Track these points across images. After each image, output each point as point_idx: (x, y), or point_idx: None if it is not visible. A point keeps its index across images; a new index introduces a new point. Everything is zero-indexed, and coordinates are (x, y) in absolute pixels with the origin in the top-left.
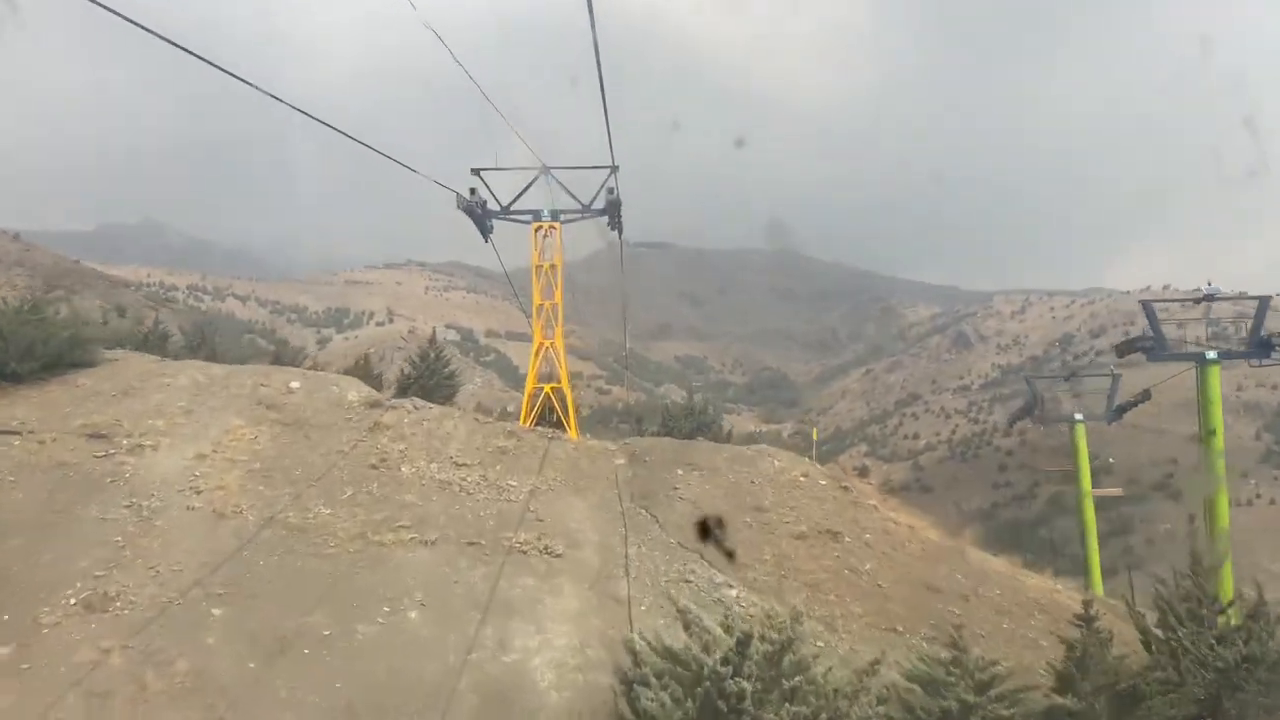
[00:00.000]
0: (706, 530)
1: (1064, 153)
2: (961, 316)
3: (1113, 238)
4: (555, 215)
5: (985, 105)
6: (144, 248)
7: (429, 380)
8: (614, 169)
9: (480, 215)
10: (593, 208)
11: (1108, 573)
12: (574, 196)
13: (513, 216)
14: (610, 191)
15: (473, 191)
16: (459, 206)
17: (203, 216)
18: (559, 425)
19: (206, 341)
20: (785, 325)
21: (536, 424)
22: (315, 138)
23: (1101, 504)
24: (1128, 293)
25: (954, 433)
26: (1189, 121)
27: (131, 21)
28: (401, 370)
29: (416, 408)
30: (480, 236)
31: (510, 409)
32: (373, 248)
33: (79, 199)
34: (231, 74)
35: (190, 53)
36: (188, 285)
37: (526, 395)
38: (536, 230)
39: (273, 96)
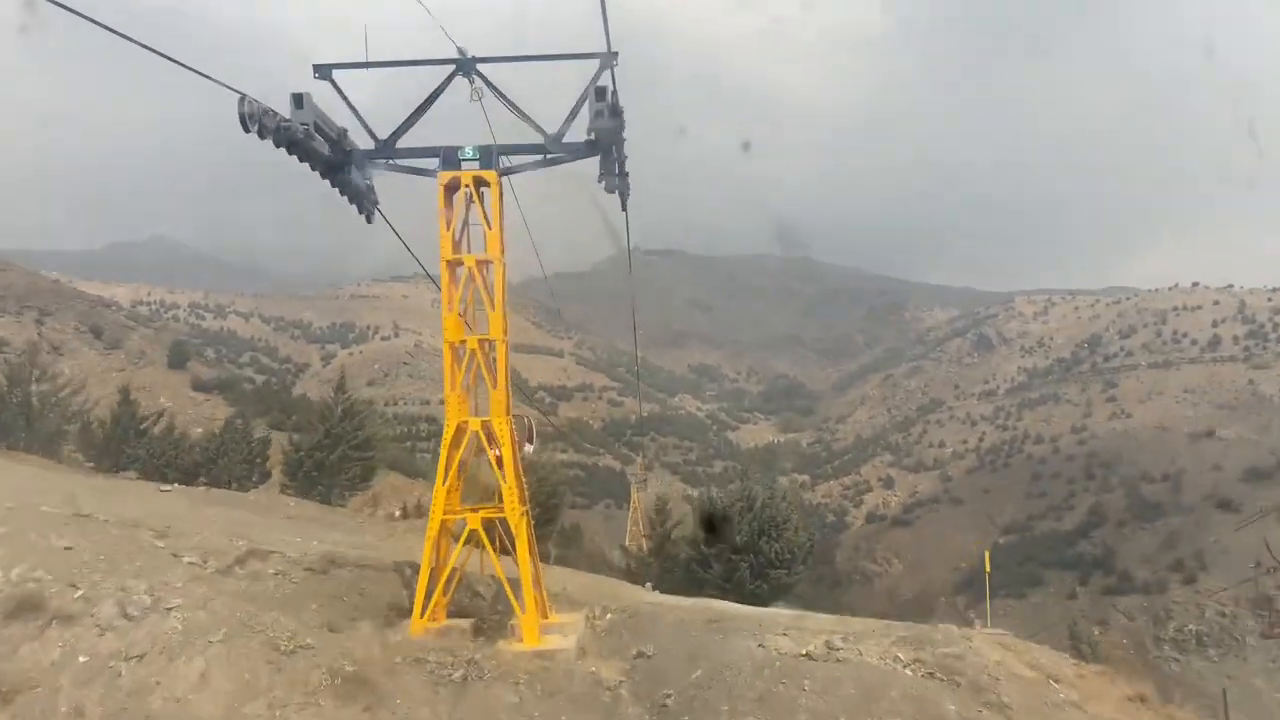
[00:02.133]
0: None
1: (1075, 153)
2: (982, 318)
3: (1126, 235)
4: (487, 157)
5: (998, 106)
6: (152, 265)
7: (328, 453)
8: (610, 58)
9: (334, 158)
10: (566, 141)
11: (1154, 588)
12: (529, 121)
13: (400, 162)
14: (600, 99)
15: (299, 104)
16: (247, 124)
17: (214, 232)
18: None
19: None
20: (799, 331)
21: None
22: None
23: (1144, 514)
24: (1155, 291)
25: (981, 440)
26: (1200, 120)
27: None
28: (290, 442)
29: (128, 616)
30: (351, 205)
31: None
32: (381, 260)
33: (92, 217)
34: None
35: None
36: (189, 303)
37: (429, 542)
38: (448, 189)
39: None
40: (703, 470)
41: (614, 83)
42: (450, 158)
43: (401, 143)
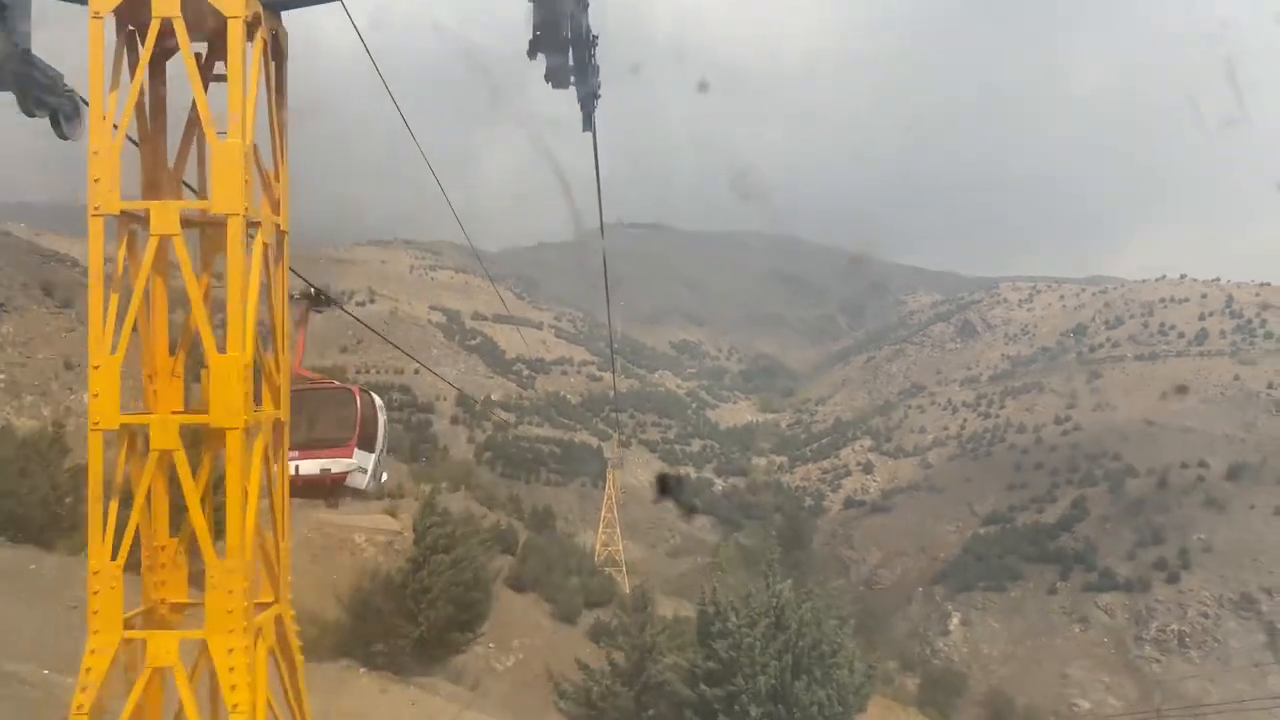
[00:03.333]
0: None
1: (1059, 138)
2: (966, 304)
3: (1111, 224)
4: None
5: (986, 88)
6: None
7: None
8: None
9: None
10: None
11: (1137, 586)
12: None
13: None
14: None
15: None
16: None
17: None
18: None
19: None
20: (782, 310)
21: None
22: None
23: (1129, 510)
24: (1143, 282)
25: (963, 428)
26: (1184, 106)
27: None
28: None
29: None
30: None
31: (494, 396)
32: (362, 222)
33: (68, 169)
34: None
35: None
36: None
37: None
38: (125, 30)
39: None
40: (680, 449)
41: None
42: None
43: None
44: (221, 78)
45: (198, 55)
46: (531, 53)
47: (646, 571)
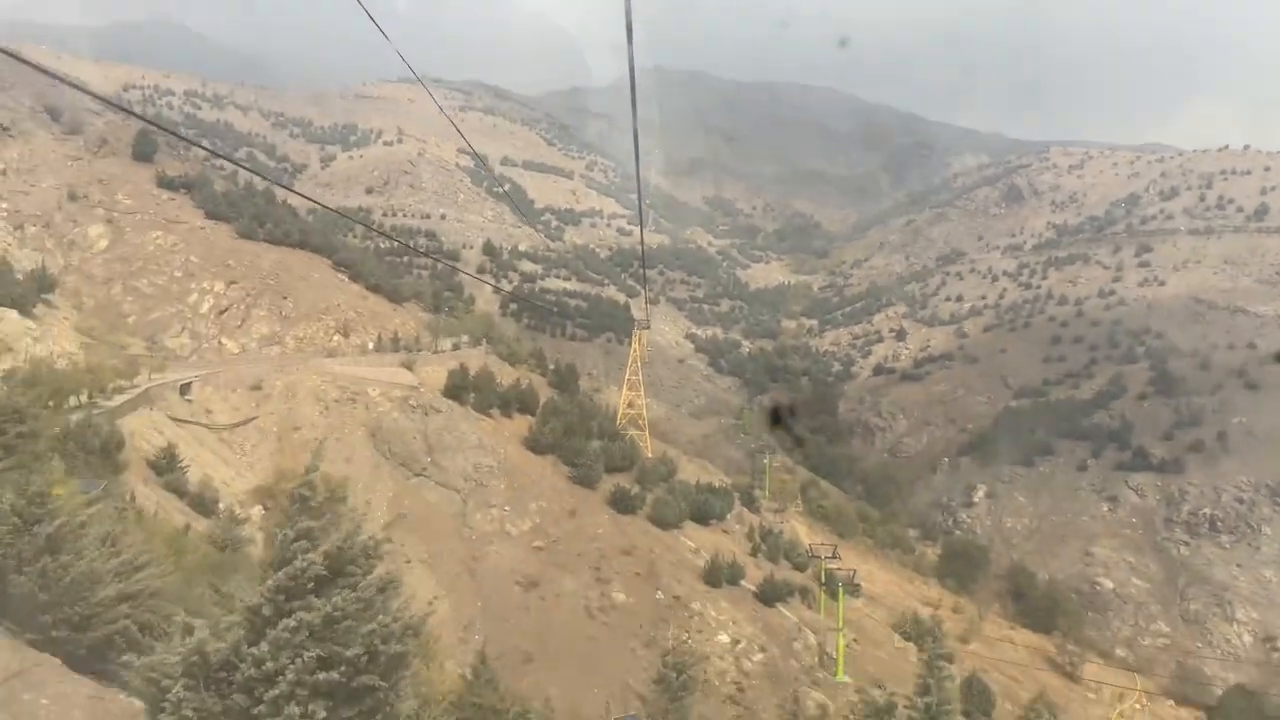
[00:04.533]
0: None
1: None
2: (1014, 168)
3: (1169, 91)
4: None
5: None
6: (153, 47)
7: None
8: None
9: None
10: None
11: (1171, 468)
12: None
13: None
14: None
15: None
16: None
17: (224, 16)
18: None
19: None
20: (821, 167)
21: None
22: None
23: (1168, 390)
24: (1204, 151)
25: (1002, 297)
26: None
27: None
28: None
29: None
30: None
31: (522, 248)
32: (389, 59)
33: None
34: None
35: None
36: (185, 90)
37: None
38: None
39: None
40: (709, 309)
41: None
42: None
43: None
44: None
45: None
46: None
47: (667, 430)
